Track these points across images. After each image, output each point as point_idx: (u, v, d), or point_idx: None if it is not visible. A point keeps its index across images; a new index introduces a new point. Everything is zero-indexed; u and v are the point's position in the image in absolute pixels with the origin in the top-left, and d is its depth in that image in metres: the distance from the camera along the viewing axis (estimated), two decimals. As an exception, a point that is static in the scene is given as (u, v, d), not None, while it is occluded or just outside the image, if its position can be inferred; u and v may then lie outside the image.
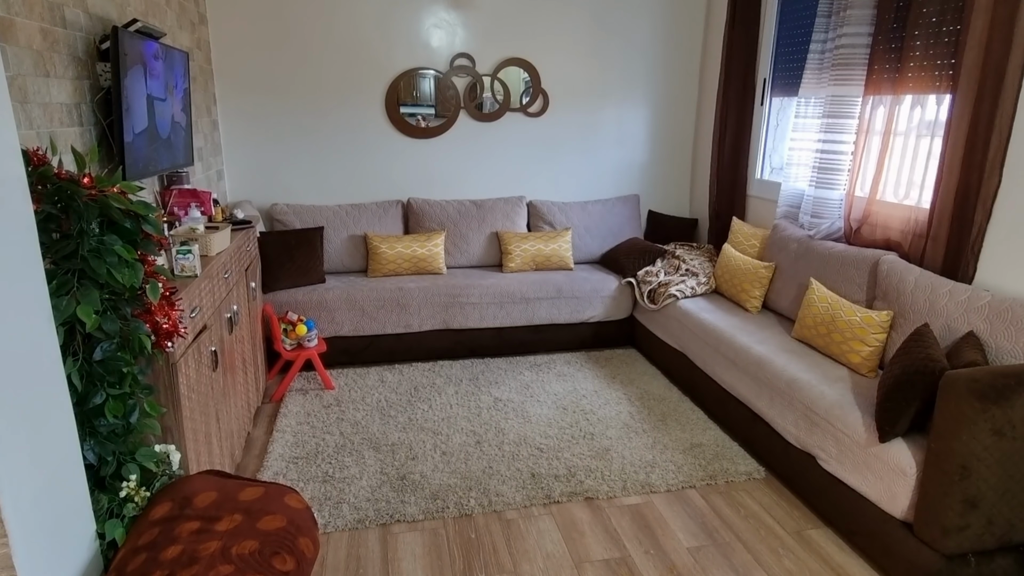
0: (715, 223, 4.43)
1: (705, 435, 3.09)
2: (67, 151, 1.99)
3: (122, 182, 1.54)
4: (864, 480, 2.23)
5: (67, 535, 1.38)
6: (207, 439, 2.27)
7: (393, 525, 2.44)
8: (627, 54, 4.55)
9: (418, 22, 4.22)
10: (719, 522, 2.49)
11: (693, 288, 3.80)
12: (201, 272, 2.31)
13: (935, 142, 2.85)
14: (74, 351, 1.46)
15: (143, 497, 1.57)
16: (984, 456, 1.91)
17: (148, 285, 1.60)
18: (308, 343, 3.56)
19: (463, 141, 4.49)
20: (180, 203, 2.83)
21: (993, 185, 2.51)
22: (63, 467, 1.37)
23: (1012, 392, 1.89)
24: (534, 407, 3.36)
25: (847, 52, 3.12)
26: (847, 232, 3.27)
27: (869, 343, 2.68)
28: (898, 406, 2.11)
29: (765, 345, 2.98)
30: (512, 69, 4.41)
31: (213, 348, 2.37)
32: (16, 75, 1.78)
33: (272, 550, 1.43)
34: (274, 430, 3.10)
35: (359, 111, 4.29)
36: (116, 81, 2.15)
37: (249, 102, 4.13)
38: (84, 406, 1.49)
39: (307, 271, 3.87)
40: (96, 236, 1.46)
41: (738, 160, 4.23)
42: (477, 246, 4.35)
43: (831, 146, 3.31)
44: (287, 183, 4.32)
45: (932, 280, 2.61)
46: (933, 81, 2.78)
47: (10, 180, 1.24)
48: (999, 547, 2.03)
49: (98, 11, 2.33)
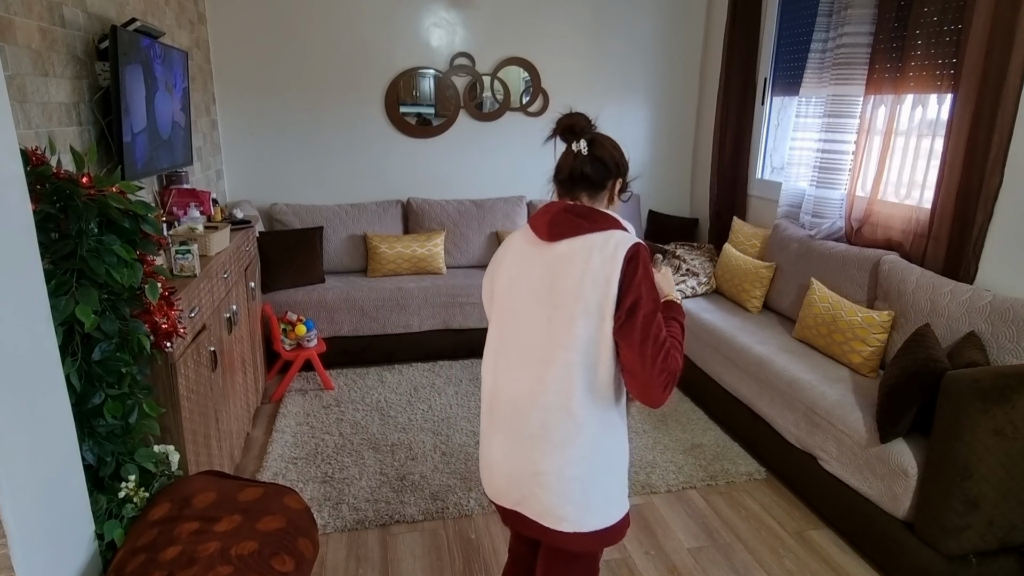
0: (715, 223, 4.43)
1: (706, 435, 3.09)
2: (66, 151, 1.99)
3: (121, 182, 1.54)
4: (865, 481, 2.23)
5: (66, 536, 1.37)
6: (206, 439, 2.26)
7: (393, 526, 2.44)
8: (627, 53, 4.55)
9: (418, 21, 4.21)
10: (720, 523, 2.48)
11: (694, 288, 3.80)
12: (200, 272, 2.31)
13: (936, 142, 2.84)
14: (73, 351, 1.45)
15: (142, 498, 1.56)
16: (985, 456, 1.91)
17: (147, 285, 1.60)
18: (307, 343, 3.55)
19: (463, 141, 4.48)
20: (179, 203, 2.82)
21: (994, 185, 2.50)
22: (62, 468, 1.37)
23: (1013, 392, 1.89)
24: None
25: (848, 51, 3.12)
26: (848, 232, 3.26)
27: (870, 343, 2.67)
28: (899, 406, 2.11)
29: (766, 345, 2.97)
30: (512, 68, 4.40)
31: (212, 348, 2.36)
32: (15, 74, 1.77)
33: (271, 551, 1.42)
34: (273, 430, 3.09)
35: (359, 110, 4.28)
36: (115, 80, 2.14)
37: (248, 101, 4.12)
38: (83, 406, 1.49)
39: (307, 271, 3.86)
40: (95, 236, 1.46)
41: (739, 160, 4.22)
42: (477, 246, 4.34)
43: (832, 146, 3.30)
44: (287, 183, 4.32)
45: (933, 280, 2.60)
46: (934, 81, 2.78)
47: (9, 180, 1.23)
48: (1000, 548, 2.02)
49: (97, 10, 2.32)
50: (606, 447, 1.36)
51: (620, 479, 1.40)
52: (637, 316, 1.24)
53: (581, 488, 1.33)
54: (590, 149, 1.34)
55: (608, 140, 1.38)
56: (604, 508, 1.37)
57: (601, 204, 1.39)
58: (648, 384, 1.25)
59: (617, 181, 1.39)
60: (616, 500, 1.39)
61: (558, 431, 1.32)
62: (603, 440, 1.34)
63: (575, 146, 1.35)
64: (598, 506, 1.36)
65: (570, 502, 1.34)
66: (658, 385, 1.25)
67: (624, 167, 1.39)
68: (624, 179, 1.40)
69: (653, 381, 1.25)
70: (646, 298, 1.25)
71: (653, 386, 1.25)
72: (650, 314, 1.25)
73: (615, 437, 1.37)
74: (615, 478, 1.39)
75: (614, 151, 1.37)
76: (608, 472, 1.37)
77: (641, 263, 1.27)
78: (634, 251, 1.27)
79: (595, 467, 1.34)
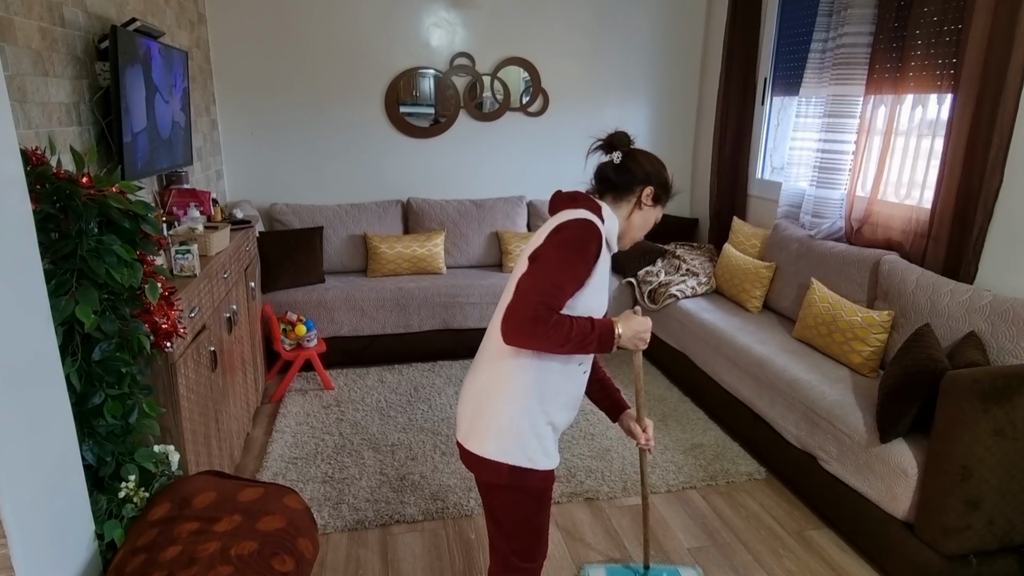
0: (716, 223, 4.43)
1: (706, 435, 3.09)
2: (66, 151, 1.99)
3: (121, 182, 1.54)
4: (865, 480, 2.23)
5: (66, 536, 1.37)
6: (206, 439, 2.26)
7: (393, 526, 2.44)
8: (628, 53, 4.55)
9: (418, 21, 4.21)
10: (720, 523, 2.48)
11: (694, 288, 3.80)
12: (200, 272, 2.31)
13: (936, 142, 2.84)
14: (73, 351, 1.45)
15: (142, 498, 1.56)
16: (985, 457, 1.91)
17: (147, 285, 1.60)
18: (307, 343, 3.55)
19: (463, 141, 4.48)
20: (179, 203, 2.82)
21: (994, 185, 2.50)
22: (62, 468, 1.37)
23: (1013, 392, 1.89)
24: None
25: (848, 51, 3.12)
26: (848, 232, 3.26)
27: (870, 343, 2.67)
28: (899, 406, 2.11)
29: (766, 345, 2.97)
30: (512, 68, 4.40)
31: (212, 348, 2.36)
32: (15, 74, 1.77)
33: (271, 551, 1.42)
34: (273, 430, 3.09)
35: (359, 110, 4.28)
36: (115, 80, 2.14)
37: (248, 101, 4.12)
38: (83, 406, 1.49)
39: (306, 271, 3.86)
40: (95, 236, 1.46)
41: (739, 160, 4.22)
42: (477, 246, 4.34)
43: (832, 146, 3.30)
44: (287, 183, 4.32)
45: (933, 280, 2.60)
46: (934, 81, 2.78)
47: (9, 180, 1.23)
48: (1000, 548, 2.02)
49: (97, 10, 2.32)
50: (503, 381, 1.46)
51: (520, 420, 1.45)
52: (534, 264, 1.37)
53: (475, 407, 1.50)
54: (623, 160, 1.51)
55: (645, 155, 1.53)
56: (497, 439, 1.46)
57: (625, 208, 1.52)
58: (509, 314, 1.33)
59: (646, 189, 1.51)
60: (513, 441, 1.45)
61: (479, 357, 1.54)
62: (504, 374, 1.46)
63: (609, 155, 1.53)
64: (484, 431, 1.47)
65: (463, 417, 1.53)
66: (513, 321, 1.32)
67: (655, 178, 1.52)
68: (656, 188, 1.52)
69: (513, 315, 1.32)
70: (550, 259, 1.36)
71: (510, 318, 1.32)
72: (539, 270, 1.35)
73: (520, 377, 1.45)
74: (510, 417, 1.45)
75: (647, 164, 1.52)
76: (501, 404, 1.46)
77: (570, 234, 1.38)
78: (570, 223, 1.39)
79: (487, 394, 1.48)
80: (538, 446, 1.48)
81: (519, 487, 1.48)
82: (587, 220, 1.40)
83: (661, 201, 1.55)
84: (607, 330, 1.40)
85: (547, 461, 1.50)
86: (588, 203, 1.47)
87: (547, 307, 1.32)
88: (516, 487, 1.48)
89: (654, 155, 1.56)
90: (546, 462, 1.50)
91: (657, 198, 1.54)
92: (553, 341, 1.33)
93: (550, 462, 1.51)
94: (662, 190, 1.54)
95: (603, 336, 1.39)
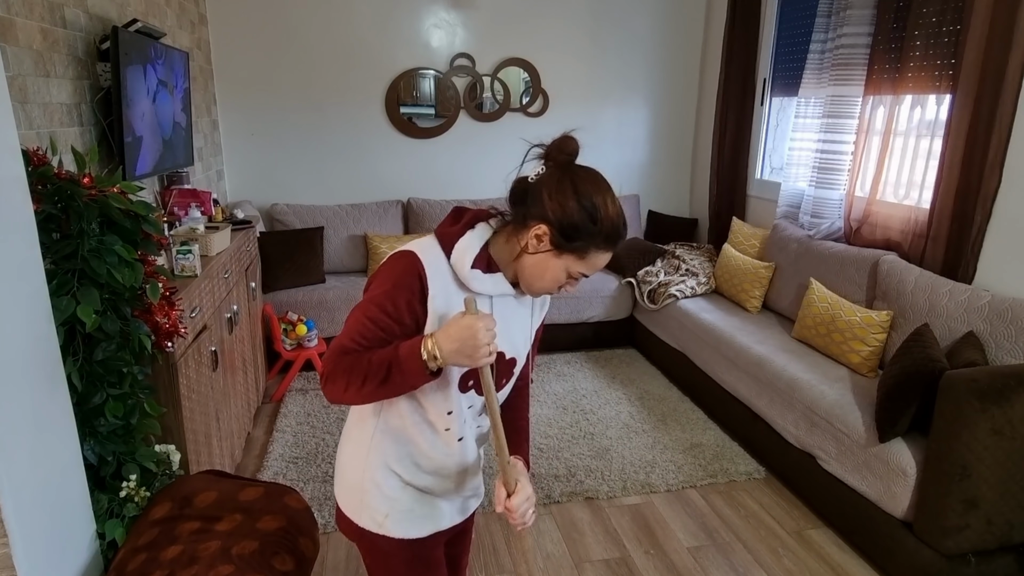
0: (715, 223, 4.43)
1: (705, 435, 3.09)
2: (67, 151, 1.99)
3: (122, 182, 1.54)
4: (864, 480, 2.23)
5: (67, 535, 1.38)
6: (207, 439, 2.26)
7: (393, 525, 2.44)
8: (627, 54, 4.55)
9: (418, 22, 4.22)
10: (719, 522, 2.49)
11: (693, 288, 3.80)
12: (201, 272, 2.31)
13: (935, 142, 2.84)
14: (74, 351, 1.46)
15: (143, 497, 1.57)
16: (984, 456, 1.91)
17: (148, 285, 1.60)
18: (308, 343, 3.56)
19: (463, 141, 4.48)
20: (180, 203, 2.83)
21: (993, 185, 2.50)
22: (63, 467, 1.37)
23: (1012, 392, 1.89)
24: (534, 407, 3.36)
25: (847, 52, 3.12)
26: (847, 232, 3.26)
27: (869, 343, 2.68)
28: (898, 406, 2.11)
29: (765, 345, 2.98)
30: (512, 69, 4.41)
31: (213, 348, 2.37)
32: (16, 75, 1.78)
33: (272, 550, 1.43)
34: (274, 430, 3.10)
35: (359, 111, 4.29)
36: (116, 81, 2.15)
37: (249, 102, 4.12)
38: (84, 406, 1.49)
39: (307, 271, 3.86)
40: (96, 236, 1.46)
41: (738, 160, 4.22)
42: (477, 246, 4.34)
43: (831, 146, 3.31)
44: (287, 183, 4.32)
45: (932, 280, 2.61)
46: (933, 81, 2.78)
47: (10, 180, 1.24)
48: (999, 547, 2.03)
49: (98, 11, 2.33)
50: (349, 432, 1.28)
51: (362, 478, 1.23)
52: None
53: (338, 453, 1.31)
54: (536, 181, 1.08)
55: (569, 181, 1.06)
56: (347, 495, 1.26)
57: (516, 246, 1.10)
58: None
59: (537, 227, 1.05)
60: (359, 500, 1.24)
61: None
62: (350, 424, 1.29)
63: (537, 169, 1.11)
64: (338, 483, 1.30)
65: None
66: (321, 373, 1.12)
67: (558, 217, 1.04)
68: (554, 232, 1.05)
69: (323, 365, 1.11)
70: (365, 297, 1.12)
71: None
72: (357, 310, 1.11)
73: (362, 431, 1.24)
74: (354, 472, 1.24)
75: (558, 194, 1.04)
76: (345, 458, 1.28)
77: (386, 267, 1.11)
78: (391, 257, 1.12)
79: (342, 442, 1.31)
80: (388, 510, 1.22)
81: (377, 550, 1.26)
82: (403, 253, 1.10)
83: (564, 249, 1.06)
84: (409, 352, 1.02)
85: (402, 529, 1.22)
86: (450, 226, 1.13)
87: (343, 351, 1.07)
88: (373, 550, 1.27)
89: (591, 184, 1.07)
90: (400, 530, 1.22)
91: (557, 245, 1.06)
92: (352, 384, 1.05)
93: (409, 530, 1.23)
94: (564, 237, 1.05)
95: (406, 361, 1.02)
